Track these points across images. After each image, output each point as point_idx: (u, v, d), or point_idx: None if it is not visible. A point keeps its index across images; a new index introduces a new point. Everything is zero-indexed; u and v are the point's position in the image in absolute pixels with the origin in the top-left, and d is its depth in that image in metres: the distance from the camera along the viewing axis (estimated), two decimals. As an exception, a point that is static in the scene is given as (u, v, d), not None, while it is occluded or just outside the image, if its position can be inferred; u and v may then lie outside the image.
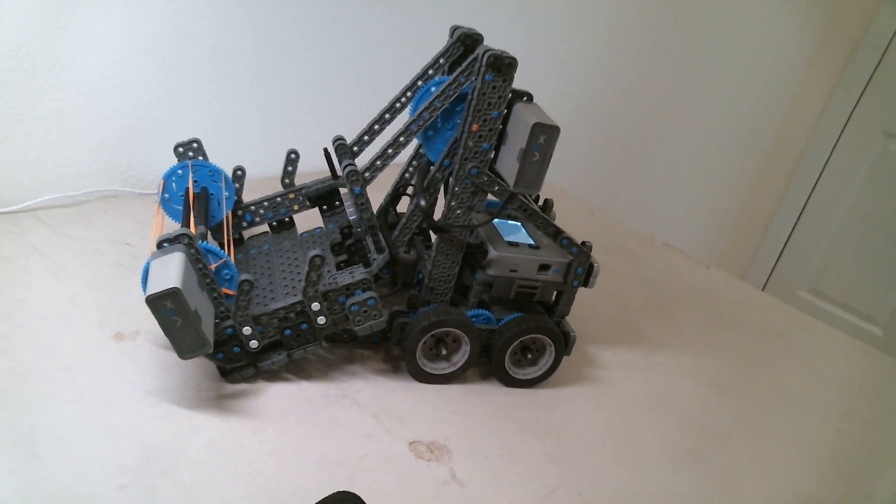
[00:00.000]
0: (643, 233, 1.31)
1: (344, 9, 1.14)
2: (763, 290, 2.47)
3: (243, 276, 0.62)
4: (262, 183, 1.00)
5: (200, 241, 0.63)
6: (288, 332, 0.66)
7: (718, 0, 1.81)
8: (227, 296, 0.64)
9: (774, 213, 2.50)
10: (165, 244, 0.60)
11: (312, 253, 0.62)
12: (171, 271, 0.57)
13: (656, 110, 1.89)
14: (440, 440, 0.66)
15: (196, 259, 0.61)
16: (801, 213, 2.42)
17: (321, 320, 0.66)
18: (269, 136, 1.16)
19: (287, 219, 0.83)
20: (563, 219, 1.26)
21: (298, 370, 0.71)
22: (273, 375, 0.69)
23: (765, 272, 2.56)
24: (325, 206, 0.83)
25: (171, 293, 0.55)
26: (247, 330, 0.64)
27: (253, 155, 1.06)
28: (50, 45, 0.89)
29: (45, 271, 0.79)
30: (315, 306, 0.65)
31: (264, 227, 0.84)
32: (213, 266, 0.63)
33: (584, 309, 0.94)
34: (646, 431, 0.75)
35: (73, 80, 0.93)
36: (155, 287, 0.55)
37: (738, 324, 1.03)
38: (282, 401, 0.66)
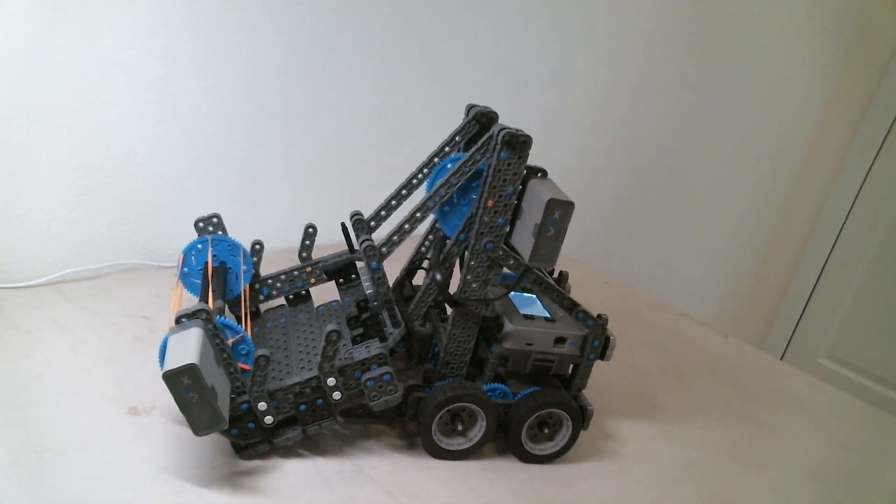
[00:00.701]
0: (658, 301, 1.31)
1: (362, 86, 1.17)
2: (782, 358, 2.44)
3: (260, 352, 0.62)
4: (279, 256, 1.02)
5: (218, 317, 0.64)
6: (303, 407, 0.66)
7: (727, 68, 1.84)
8: (244, 371, 0.64)
9: (791, 279, 2.48)
10: (184, 319, 0.61)
11: (329, 328, 0.62)
12: (188, 347, 0.57)
13: (669, 178, 1.90)
14: None
15: (214, 334, 0.61)
16: (818, 278, 2.40)
17: (337, 396, 0.65)
18: (289, 210, 1.18)
19: (304, 292, 0.84)
20: (577, 288, 1.26)
21: (313, 445, 0.70)
22: (287, 451, 0.69)
23: (783, 339, 2.52)
24: (341, 280, 0.84)
25: (188, 369, 0.55)
26: (262, 405, 0.64)
27: (272, 228, 1.07)
28: (74, 121, 0.92)
29: (64, 345, 0.80)
30: (331, 381, 0.65)
31: (281, 301, 0.85)
32: (230, 341, 0.64)
33: (599, 380, 0.93)
34: None
35: (97, 156, 0.95)
36: (172, 363, 0.56)
37: (757, 392, 1.01)
38: (296, 477, 0.66)
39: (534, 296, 0.81)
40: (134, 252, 1.03)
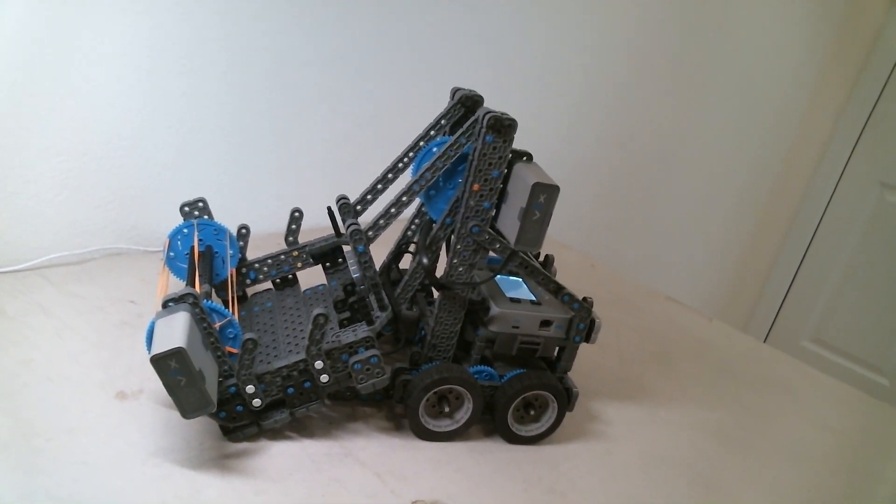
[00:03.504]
0: (644, 286, 1.32)
1: (348, 70, 1.17)
2: (765, 341, 2.48)
3: (247, 335, 0.62)
4: (266, 240, 1.01)
5: (205, 301, 0.64)
6: (291, 390, 0.66)
7: (716, 55, 1.85)
8: (231, 354, 0.65)
9: (774, 263, 2.51)
10: (171, 303, 0.61)
11: (316, 311, 0.62)
12: (175, 331, 0.57)
13: (655, 163, 1.91)
14: (443, 499, 0.66)
15: (201, 318, 0.61)
16: (800, 263, 2.43)
17: (324, 379, 0.66)
18: (274, 193, 1.18)
19: (290, 276, 0.84)
20: (564, 272, 1.26)
21: (301, 428, 0.71)
22: (275, 434, 0.69)
23: (767, 323, 2.56)
24: (328, 264, 0.84)
25: (176, 353, 0.56)
26: (250, 389, 0.64)
27: (258, 212, 1.07)
28: (59, 105, 0.91)
29: (50, 330, 0.79)
30: (318, 365, 0.65)
31: (268, 285, 0.85)
32: (217, 325, 0.64)
33: (586, 363, 0.94)
34: (651, 488, 0.74)
35: (83, 140, 0.95)
36: (160, 347, 0.56)
37: (742, 376, 1.03)
38: (284, 460, 0.66)
39: (520, 279, 0.82)
40: (120, 236, 1.03)
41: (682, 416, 0.89)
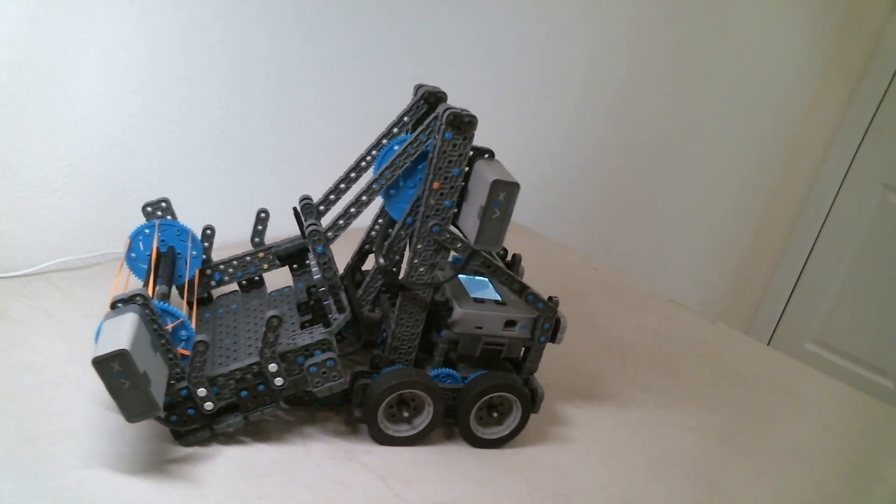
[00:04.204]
0: (647, 288, 1.31)
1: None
2: (769, 343, 2.47)
3: (198, 337, 0.61)
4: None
5: (157, 301, 0.63)
6: (244, 393, 0.65)
7: (716, 56, 1.83)
8: (184, 357, 0.64)
9: (778, 265, 2.50)
10: (119, 304, 0.60)
11: (270, 313, 0.61)
12: (121, 333, 0.57)
13: (657, 165, 1.90)
14: (448, 502, 0.65)
15: (151, 319, 0.60)
16: (804, 265, 2.42)
17: (279, 382, 0.65)
18: (277, 196, 1.13)
19: (257, 278, 0.83)
20: (566, 274, 1.27)
21: (303, 432, 0.70)
22: (279, 438, 0.69)
23: (770, 325, 2.55)
24: (295, 266, 0.83)
25: (119, 355, 0.55)
26: (201, 391, 0.63)
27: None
28: (63, 110, 0.90)
29: (55, 334, 0.79)
30: (272, 367, 0.64)
31: (235, 287, 0.84)
32: (169, 326, 0.63)
33: (590, 365, 0.95)
34: (655, 490, 0.74)
35: (87, 144, 0.94)
36: (103, 349, 0.55)
37: (745, 378, 1.02)
38: (288, 463, 0.66)
39: (486, 279, 0.81)
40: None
41: (684, 418, 0.89)
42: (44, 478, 0.58)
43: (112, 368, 0.55)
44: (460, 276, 0.80)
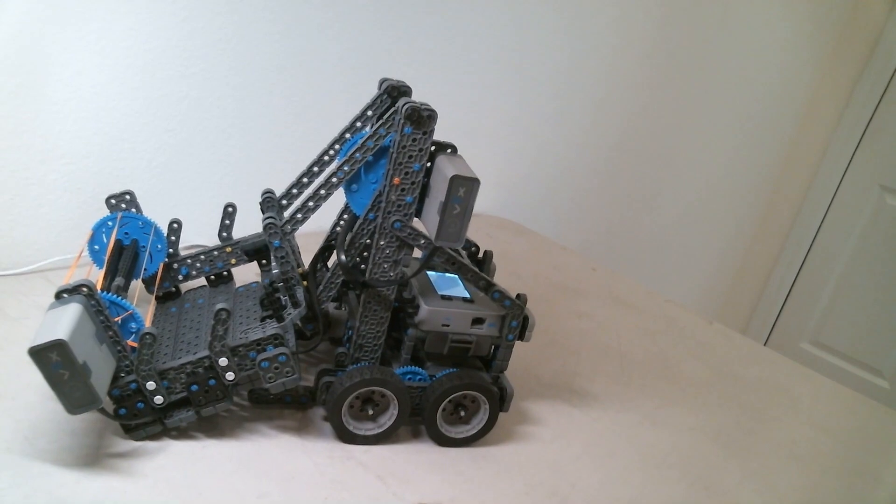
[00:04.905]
0: (644, 288, 1.30)
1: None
2: (766, 343, 2.48)
3: (145, 329, 0.60)
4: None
5: (105, 293, 0.62)
6: (195, 387, 0.64)
7: (715, 58, 1.82)
8: (134, 349, 0.62)
9: (774, 266, 2.51)
10: (64, 294, 0.59)
11: (218, 306, 0.60)
12: (61, 323, 0.55)
13: (655, 167, 1.88)
14: (445, 501, 0.65)
15: (97, 311, 0.59)
16: (801, 265, 2.42)
17: (230, 376, 0.63)
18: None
19: (225, 273, 0.82)
20: (564, 275, 1.26)
21: (302, 431, 0.70)
22: (276, 436, 0.68)
23: (767, 325, 2.55)
24: (263, 261, 0.82)
25: (57, 345, 0.53)
26: (151, 385, 0.62)
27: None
28: (61, 108, 0.90)
29: None
30: (223, 361, 0.62)
31: (202, 281, 0.83)
32: (118, 318, 0.62)
33: (587, 365, 0.94)
34: (653, 490, 0.73)
35: (85, 143, 0.94)
36: (40, 339, 0.54)
37: (742, 378, 1.01)
38: (286, 462, 0.66)
39: (457, 277, 0.79)
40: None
41: (682, 418, 0.88)
42: (42, 476, 0.58)
43: (50, 358, 0.54)
44: (429, 273, 0.78)
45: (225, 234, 0.80)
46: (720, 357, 1.07)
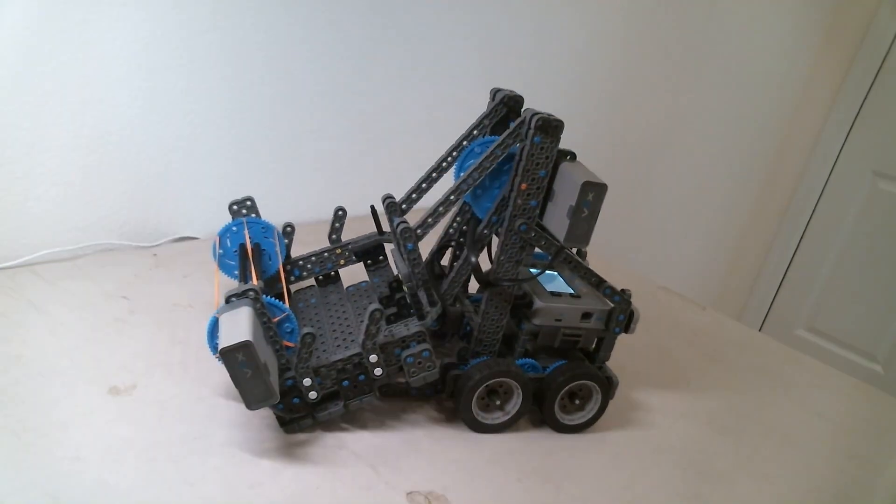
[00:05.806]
0: (638, 274, 1.31)
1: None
2: (760, 329, 2.50)
3: (305, 330, 0.64)
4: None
5: (264, 296, 0.66)
6: (346, 383, 0.68)
7: (707, 45, 1.85)
8: (287, 348, 0.66)
9: (768, 252, 2.52)
10: (234, 298, 0.62)
11: (373, 307, 0.64)
12: (241, 325, 0.59)
13: (648, 154, 1.91)
14: (438, 490, 0.66)
15: (262, 313, 0.63)
16: (795, 252, 2.45)
17: (378, 372, 0.67)
18: (266, 191, 1.17)
19: (333, 273, 0.86)
20: None
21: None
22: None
23: (761, 311, 2.57)
24: (369, 261, 0.86)
25: (244, 346, 0.57)
26: (307, 381, 0.66)
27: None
28: (49, 102, 0.91)
29: (41, 327, 0.79)
30: (373, 358, 0.67)
31: (310, 281, 0.87)
32: (276, 319, 0.66)
33: None
34: (645, 476, 0.74)
35: (73, 136, 0.94)
36: (227, 340, 0.58)
37: (736, 364, 1.02)
38: (278, 452, 0.67)
39: (555, 273, 0.84)
40: (111, 232, 1.02)
41: (675, 404, 0.89)
42: (32, 469, 0.59)
43: (237, 358, 0.58)
44: (531, 270, 0.83)
45: (335, 236, 0.84)
46: (714, 343, 1.08)
